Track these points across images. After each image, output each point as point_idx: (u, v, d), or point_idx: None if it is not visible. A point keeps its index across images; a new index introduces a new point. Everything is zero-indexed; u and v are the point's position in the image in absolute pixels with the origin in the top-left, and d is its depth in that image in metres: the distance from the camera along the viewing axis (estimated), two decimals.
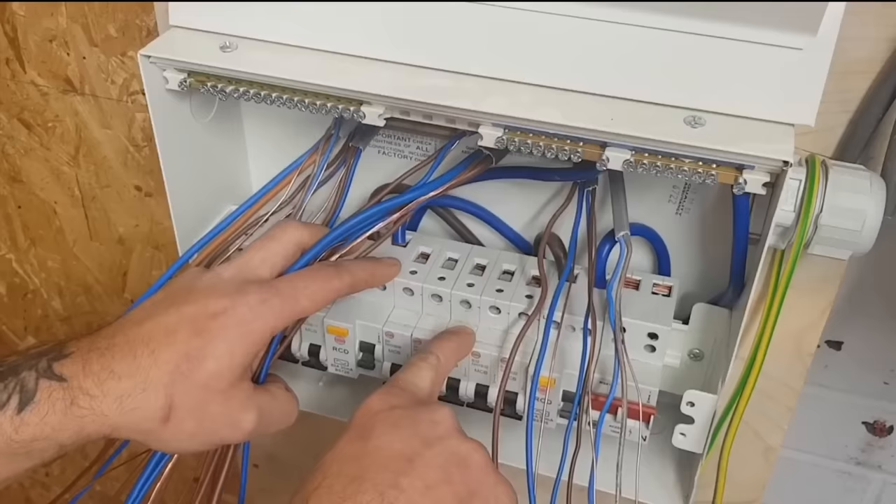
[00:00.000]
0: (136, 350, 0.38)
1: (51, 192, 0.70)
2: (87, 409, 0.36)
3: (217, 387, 0.38)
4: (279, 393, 0.43)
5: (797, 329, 0.48)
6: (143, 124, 0.62)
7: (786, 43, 0.37)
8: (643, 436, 0.44)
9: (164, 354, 0.37)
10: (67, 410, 0.36)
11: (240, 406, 0.39)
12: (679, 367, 0.48)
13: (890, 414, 0.71)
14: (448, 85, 0.40)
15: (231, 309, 0.39)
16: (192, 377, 0.38)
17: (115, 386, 0.37)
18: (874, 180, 0.39)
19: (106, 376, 0.37)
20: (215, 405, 0.38)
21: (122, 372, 0.37)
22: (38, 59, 0.61)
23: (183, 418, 0.38)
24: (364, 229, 0.45)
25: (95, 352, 0.37)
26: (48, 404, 0.36)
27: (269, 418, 0.41)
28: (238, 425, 0.40)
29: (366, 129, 0.48)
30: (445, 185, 0.46)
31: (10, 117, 0.66)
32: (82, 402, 0.36)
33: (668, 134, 0.37)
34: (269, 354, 0.43)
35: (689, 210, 0.47)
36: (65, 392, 0.36)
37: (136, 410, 0.37)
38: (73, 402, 0.36)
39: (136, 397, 0.37)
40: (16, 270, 0.79)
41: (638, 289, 0.47)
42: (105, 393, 0.37)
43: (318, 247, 0.44)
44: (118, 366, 0.37)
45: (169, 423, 0.38)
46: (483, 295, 0.46)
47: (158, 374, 0.37)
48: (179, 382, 0.37)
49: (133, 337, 0.38)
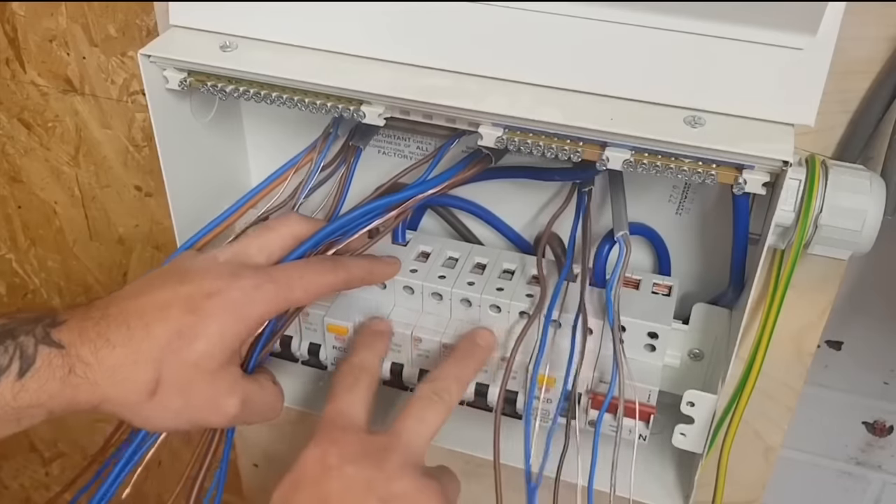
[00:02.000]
0: (130, 321, 0.38)
1: (51, 192, 0.70)
2: (82, 377, 0.37)
3: (205, 366, 0.38)
4: (266, 384, 0.43)
5: (797, 329, 0.48)
6: (143, 124, 0.62)
7: (786, 43, 0.37)
8: (643, 435, 0.44)
9: (157, 328, 0.38)
10: (66, 378, 0.36)
11: (226, 390, 0.40)
12: (679, 366, 0.48)
13: (890, 414, 0.71)
14: (448, 85, 0.40)
15: (225, 290, 0.39)
16: (182, 354, 0.38)
17: (109, 354, 0.37)
18: (874, 180, 0.40)
19: (101, 344, 0.37)
20: (202, 385, 0.39)
21: (117, 341, 0.37)
22: (38, 59, 0.61)
23: (169, 394, 0.38)
24: (362, 224, 0.45)
25: (90, 320, 0.38)
26: (48, 371, 0.36)
27: (252, 407, 0.41)
28: (221, 409, 0.40)
29: (366, 128, 0.48)
30: (445, 182, 0.46)
31: (10, 117, 0.66)
32: (79, 371, 0.37)
33: (668, 134, 0.37)
34: (260, 345, 0.43)
35: (689, 210, 0.47)
36: (63, 359, 0.36)
37: (125, 381, 0.37)
38: (71, 370, 0.36)
39: (127, 368, 0.37)
40: (16, 270, 0.79)
41: (638, 288, 0.47)
42: (100, 361, 0.37)
43: (314, 238, 0.44)
44: (113, 334, 0.37)
45: (155, 397, 0.38)
46: (483, 294, 0.47)
47: (150, 347, 0.37)
48: (169, 358, 0.38)
49: (127, 308, 0.38)
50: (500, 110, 0.39)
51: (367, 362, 0.46)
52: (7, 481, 1.05)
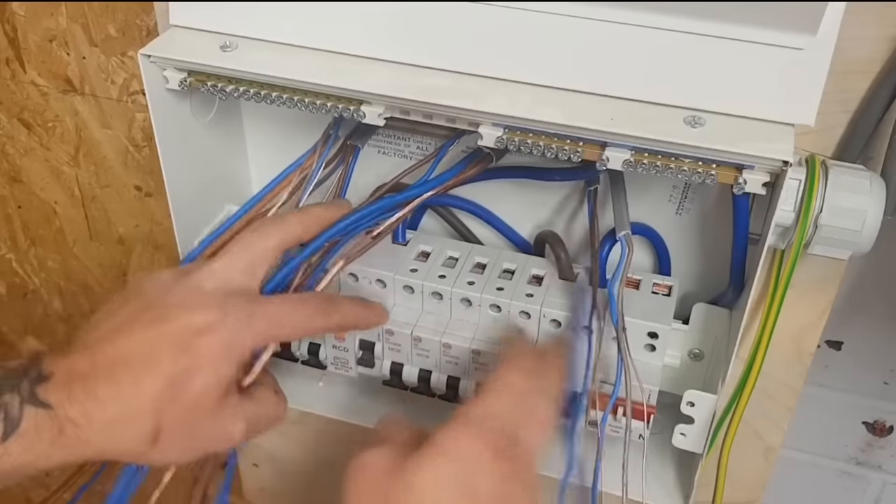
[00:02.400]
0: (119, 376, 0.36)
1: (51, 192, 0.70)
2: (73, 437, 0.35)
3: (205, 405, 0.37)
4: (266, 398, 0.42)
5: (797, 329, 0.48)
6: (143, 124, 0.62)
7: (786, 43, 0.37)
8: (643, 436, 0.44)
9: (148, 380, 0.36)
10: (55, 440, 0.35)
11: (228, 419, 0.39)
12: (679, 366, 0.48)
13: (890, 414, 0.71)
14: (448, 84, 0.40)
15: (216, 326, 0.37)
16: (179, 401, 0.36)
17: (101, 415, 0.35)
18: (874, 180, 0.40)
19: (91, 405, 0.35)
20: (204, 423, 0.38)
21: (107, 398, 0.36)
22: (38, 59, 0.61)
23: (172, 439, 0.37)
24: (363, 226, 0.45)
25: (77, 376, 0.36)
26: (35, 434, 0.34)
27: (257, 425, 0.41)
28: (227, 437, 0.39)
29: (364, 127, 0.48)
30: (446, 182, 0.46)
31: (10, 117, 0.66)
32: (69, 431, 0.35)
33: (668, 134, 0.37)
34: (258, 365, 0.42)
35: (689, 210, 0.47)
36: (52, 421, 0.35)
37: (123, 437, 0.36)
38: (60, 431, 0.35)
39: (122, 424, 0.36)
40: (16, 270, 0.79)
41: (638, 288, 0.47)
42: (90, 422, 0.35)
43: (315, 242, 0.44)
44: (102, 392, 0.36)
45: (158, 444, 0.37)
46: (483, 293, 0.47)
47: (143, 401, 0.36)
48: (166, 407, 0.36)
49: (114, 358, 0.36)
50: (501, 110, 0.39)
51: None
52: None
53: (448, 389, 0.48)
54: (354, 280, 0.48)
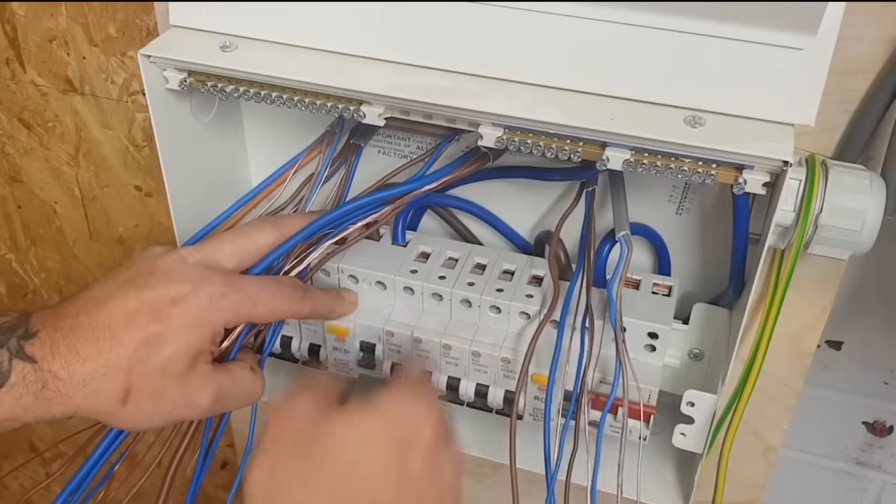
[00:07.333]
0: (99, 333, 0.39)
1: (51, 192, 0.70)
2: (55, 391, 0.38)
3: (173, 371, 0.39)
4: (241, 373, 0.43)
5: (797, 329, 0.48)
6: (143, 124, 0.62)
7: (786, 43, 0.37)
8: (643, 436, 0.44)
9: (124, 339, 0.39)
10: (39, 393, 0.38)
11: (196, 387, 0.40)
12: (679, 366, 0.48)
13: (890, 414, 0.71)
14: (448, 85, 0.40)
15: (191, 296, 0.40)
16: (150, 362, 0.39)
17: (80, 369, 0.38)
18: (874, 180, 0.40)
19: (72, 359, 0.38)
20: (172, 387, 0.40)
21: (86, 354, 0.38)
22: (38, 59, 0.61)
23: (141, 399, 0.39)
24: (355, 219, 0.45)
25: (61, 332, 0.38)
26: (23, 386, 0.37)
27: (227, 397, 0.42)
28: (194, 404, 0.41)
29: (366, 127, 0.48)
30: (441, 179, 0.46)
31: (10, 117, 0.66)
32: (51, 385, 0.38)
33: (668, 134, 0.37)
34: (241, 337, 0.43)
35: (689, 210, 0.47)
36: (36, 375, 0.38)
37: (97, 392, 0.38)
38: (44, 385, 0.38)
39: (98, 380, 0.38)
40: (16, 270, 0.79)
41: (638, 288, 0.47)
42: (71, 375, 0.38)
43: (304, 233, 0.44)
44: (82, 347, 0.38)
45: (127, 404, 0.39)
46: (483, 294, 0.46)
47: (118, 358, 0.38)
48: (137, 367, 0.39)
49: (95, 318, 0.39)
50: (500, 110, 0.39)
51: None
52: (7, 481, 1.05)
53: (448, 390, 0.48)
54: (354, 282, 0.48)
